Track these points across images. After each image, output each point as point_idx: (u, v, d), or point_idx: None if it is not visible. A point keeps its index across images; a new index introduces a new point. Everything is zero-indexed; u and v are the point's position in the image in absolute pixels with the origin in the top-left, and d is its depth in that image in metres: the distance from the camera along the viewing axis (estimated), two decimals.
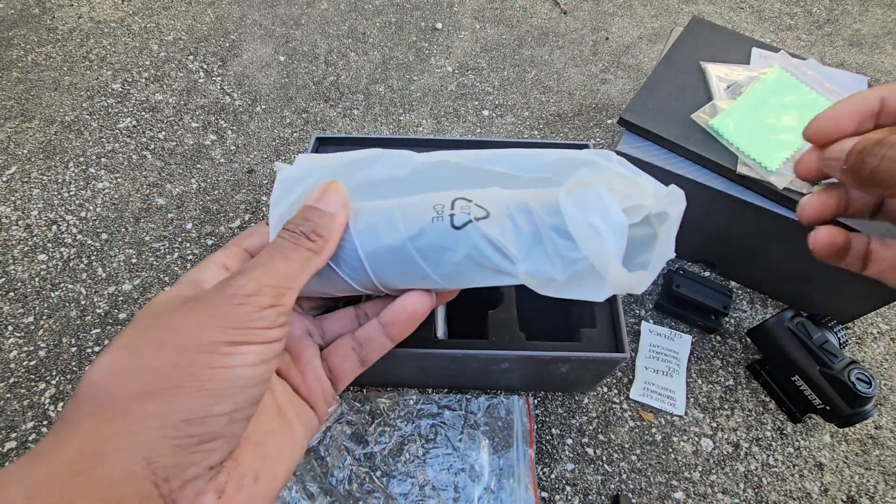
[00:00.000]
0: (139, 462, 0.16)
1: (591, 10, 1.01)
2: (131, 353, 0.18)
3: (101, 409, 0.17)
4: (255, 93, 0.84)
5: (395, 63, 0.90)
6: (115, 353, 0.19)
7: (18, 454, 0.51)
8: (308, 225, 0.22)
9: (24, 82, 0.83)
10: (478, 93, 0.85)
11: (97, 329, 0.58)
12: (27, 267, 0.63)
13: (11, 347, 0.57)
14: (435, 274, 0.25)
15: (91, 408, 0.17)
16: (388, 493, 0.48)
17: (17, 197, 0.69)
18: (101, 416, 0.17)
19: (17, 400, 0.54)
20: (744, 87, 0.56)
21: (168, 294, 0.22)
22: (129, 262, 0.64)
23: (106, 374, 0.18)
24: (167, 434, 0.17)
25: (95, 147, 0.75)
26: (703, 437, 0.53)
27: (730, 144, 0.52)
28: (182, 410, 0.17)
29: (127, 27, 0.93)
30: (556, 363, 0.45)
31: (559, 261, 0.23)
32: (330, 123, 0.80)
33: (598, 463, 0.52)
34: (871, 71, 0.91)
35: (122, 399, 0.17)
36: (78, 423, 0.17)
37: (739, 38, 0.64)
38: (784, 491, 0.51)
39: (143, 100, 0.82)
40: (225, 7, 0.98)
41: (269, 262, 0.21)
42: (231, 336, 0.19)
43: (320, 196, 0.23)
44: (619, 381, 0.57)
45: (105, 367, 0.18)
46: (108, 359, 0.18)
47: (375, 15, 0.98)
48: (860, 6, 1.04)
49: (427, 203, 0.24)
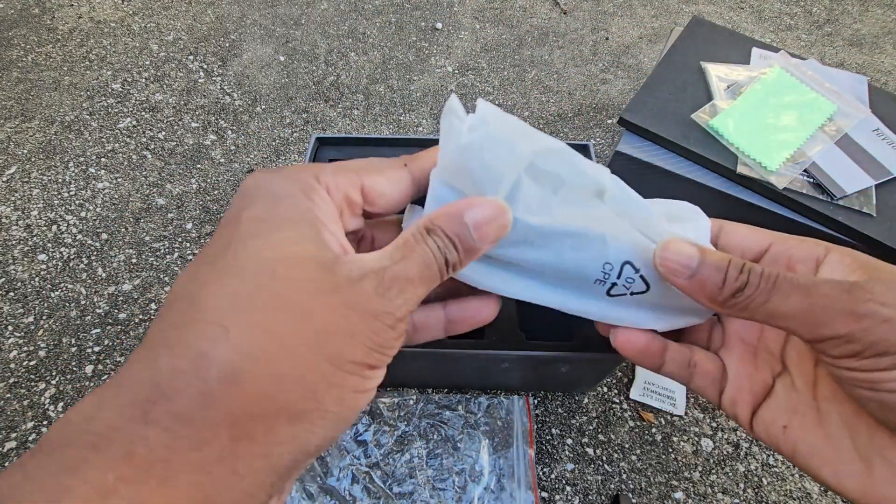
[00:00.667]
0: (266, 488, 0.14)
1: (591, 10, 1.01)
2: (274, 341, 0.14)
3: (237, 423, 0.14)
4: (255, 93, 0.84)
5: (395, 63, 0.90)
6: (254, 333, 0.14)
7: (18, 454, 0.51)
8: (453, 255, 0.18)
9: (24, 82, 0.83)
10: (478, 93, 0.85)
11: (97, 329, 0.58)
12: (27, 267, 0.63)
13: (11, 347, 0.57)
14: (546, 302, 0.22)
15: (224, 415, 0.13)
16: (389, 493, 0.48)
17: (17, 197, 0.69)
18: (239, 430, 0.14)
19: (17, 400, 0.54)
20: (744, 87, 0.56)
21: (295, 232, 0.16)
22: (129, 262, 0.64)
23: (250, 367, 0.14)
24: (299, 460, 0.15)
25: (95, 147, 0.75)
26: (703, 437, 0.53)
27: (730, 144, 0.52)
28: (318, 439, 0.15)
29: (127, 27, 0.93)
30: (556, 363, 0.45)
31: None
32: (330, 123, 0.80)
33: (598, 463, 0.52)
34: (871, 71, 0.91)
35: (269, 416, 0.14)
36: (211, 429, 0.13)
37: (739, 38, 0.64)
38: (784, 491, 0.51)
39: (143, 100, 0.82)
40: (225, 7, 0.98)
41: (419, 276, 0.17)
42: (373, 359, 0.16)
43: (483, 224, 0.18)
44: (619, 381, 0.57)
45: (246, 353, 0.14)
46: (246, 341, 0.14)
47: (375, 15, 0.98)
48: (860, 6, 1.04)
49: (600, 256, 0.20)
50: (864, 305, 0.15)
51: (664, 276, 0.19)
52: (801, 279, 0.16)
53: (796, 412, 0.19)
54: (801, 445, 0.19)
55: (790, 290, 0.16)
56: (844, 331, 0.15)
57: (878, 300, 0.15)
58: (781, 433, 0.19)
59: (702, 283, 0.18)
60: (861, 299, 0.15)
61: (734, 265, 0.17)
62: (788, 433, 0.19)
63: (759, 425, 0.20)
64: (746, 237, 0.21)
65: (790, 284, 0.16)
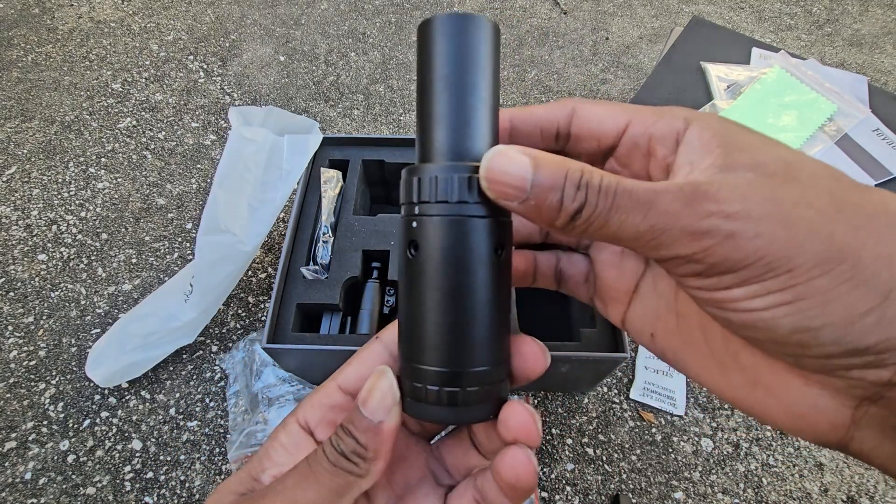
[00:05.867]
0: None
1: (591, 10, 1.01)
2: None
3: None
4: (255, 93, 0.84)
5: (395, 63, 0.90)
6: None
7: (19, 454, 0.51)
8: (348, 443, 0.16)
9: (24, 82, 0.83)
10: None
11: (97, 329, 0.58)
12: (27, 267, 0.63)
13: (11, 347, 0.57)
14: None
15: None
16: None
17: (17, 197, 0.69)
18: None
19: (17, 400, 0.54)
20: (744, 87, 0.56)
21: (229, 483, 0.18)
22: (129, 262, 0.64)
23: None
24: None
25: (95, 147, 0.75)
26: (703, 437, 0.53)
27: None
28: None
29: (127, 27, 0.93)
30: (556, 363, 0.45)
31: None
32: (330, 123, 0.80)
33: (598, 463, 0.52)
34: (871, 71, 0.91)
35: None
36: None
37: (739, 38, 0.64)
38: (784, 491, 0.51)
39: (143, 100, 0.82)
40: (225, 7, 0.98)
41: (294, 489, 0.16)
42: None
43: (366, 396, 0.17)
44: (619, 381, 0.57)
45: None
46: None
47: (375, 15, 0.98)
48: (860, 6, 1.04)
49: None
50: (705, 221, 0.13)
51: (495, 199, 0.15)
52: (640, 192, 0.14)
53: (659, 317, 0.18)
54: (667, 352, 0.18)
55: (630, 208, 0.14)
56: (685, 252, 0.13)
57: (723, 211, 0.13)
58: (650, 341, 0.19)
59: (538, 207, 0.15)
60: (703, 213, 0.13)
61: (571, 179, 0.14)
62: (656, 341, 0.18)
63: (630, 330, 0.19)
64: (602, 118, 0.18)
65: (630, 200, 0.14)
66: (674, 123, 0.16)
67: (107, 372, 0.53)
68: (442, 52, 0.16)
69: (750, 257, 0.13)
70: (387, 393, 0.17)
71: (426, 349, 0.16)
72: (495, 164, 0.15)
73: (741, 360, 0.16)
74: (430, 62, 0.16)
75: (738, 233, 0.13)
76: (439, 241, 0.16)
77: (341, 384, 0.19)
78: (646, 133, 0.17)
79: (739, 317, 0.14)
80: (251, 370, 0.53)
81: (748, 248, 0.13)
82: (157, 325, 0.53)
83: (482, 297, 0.16)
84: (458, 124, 0.16)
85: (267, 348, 0.42)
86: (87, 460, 0.51)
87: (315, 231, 0.49)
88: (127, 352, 0.53)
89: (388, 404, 0.17)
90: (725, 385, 0.16)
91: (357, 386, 0.19)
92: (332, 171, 0.51)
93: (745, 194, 0.13)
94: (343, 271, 0.46)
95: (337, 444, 0.16)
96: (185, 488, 0.50)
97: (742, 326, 0.14)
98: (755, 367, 0.15)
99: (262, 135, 0.49)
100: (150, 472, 0.50)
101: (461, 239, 0.16)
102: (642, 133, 0.17)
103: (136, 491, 0.49)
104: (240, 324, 0.59)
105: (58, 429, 0.52)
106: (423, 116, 0.17)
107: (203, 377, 0.56)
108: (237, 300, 0.61)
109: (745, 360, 0.15)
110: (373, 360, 0.19)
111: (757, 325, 0.13)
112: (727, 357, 0.16)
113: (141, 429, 0.53)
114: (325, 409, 0.19)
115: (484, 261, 0.16)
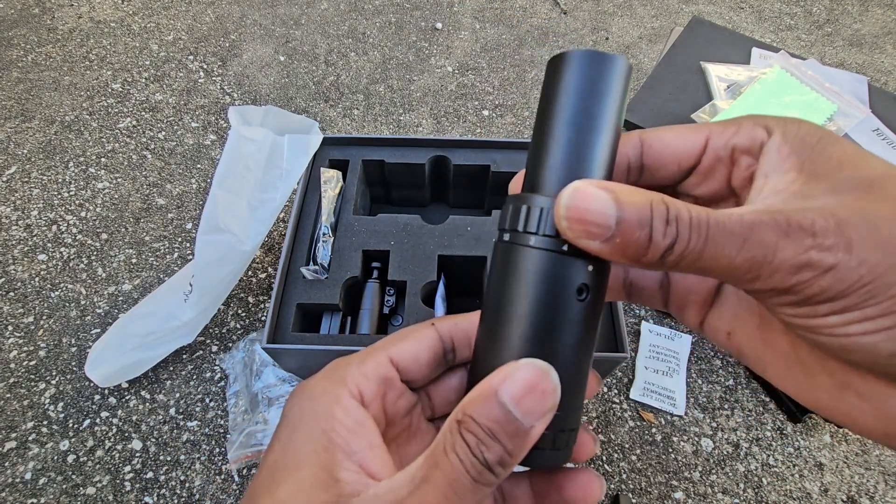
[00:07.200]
0: None
1: (591, 10, 1.01)
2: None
3: None
4: (255, 93, 0.84)
5: (395, 63, 0.90)
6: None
7: (18, 454, 0.51)
8: (495, 451, 0.14)
9: (24, 82, 0.83)
10: (478, 93, 0.85)
11: (97, 329, 0.58)
12: (27, 267, 0.63)
13: (11, 347, 0.57)
14: None
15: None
16: None
17: (17, 197, 0.69)
18: None
19: (17, 400, 0.54)
20: (744, 87, 0.56)
21: (300, 490, 0.16)
22: (129, 262, 0.64)
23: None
24: None
25: (95, 147, 0.75)
26: (703, 437, 0.53)
27: None
28: None
29: (127, 27, 0.93)
30: None
31: None
32: (330, 123, 0.80)
33: (598, 463, 0.52)
34: (871, 71, 0.91)
35: None
36: None
37: (739, 38, 0.64)
38: (784, 491, 0.51)
39: (143, 100, 0.82)
40: (225, 7, 0.98)
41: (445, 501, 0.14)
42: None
43: (521, 393, 0.14)
44: (619, 381, 0.57)
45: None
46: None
47: (375, 15, 0.98)
48: (860, 6, 1.04)
49: None
50: (804, 256, 0.13)
51: (572, 240, 0.14)
52: (733, 224, 0.13)
53: (738, 317, 0.18)
54: (746, 350, 0.18)
55: (724, 242, 0.13)
56: (783, 285, 0.13)
57: (821, 244, 0.12)
58: (726, 339, 0.18)
59: (623, 245, 0.14)
60: (802, 246, 0.13)
61: (657, 213, 0.13)
62: (732, 339, 0.18)
63: (708, 331, 0.19)
64: (678, 141, 0.17)
65: (724, 233, 0.13)
66: (755, 132, 0.16)
67: (106, 372, 0.53)
68: (573, 88, 0.16)
69: (852, 287, 0.12)
70: (549, 394, 0.15)
71: None
72: (575, 202, 0.14)
73: (829, 364, 0.15)
74: (558, 97, 0.16)
75: (839, 264, 0.12)
76: (525, 274, 0.16)
77: (394, 357, 0.18)
78: (727, 145, 0.17)
79: (835, 341, 0.13)
80: (251, 370, 0.53)
81: (850, 278, 0.12)
82: (157, 325, 0.53)
83: (565, 339, 0.16)
84: (576, 163, 0.16)
85: (267, 348, 0.42)
86: (87, 460, 0.51)
87: (315, 231, 0.49)
88: (126, 352, 0.53)
89: (545, 408, 0.15)
90: (809, 388, 0.16)
91: (409, 365, 0.18)
92: (332, 170, 0.51)
93: (839, 222, 0.13)
94: (343, 271, 0.46)
95: (481, 453, 0.14)
96: (185, 488, 0.50)
97: (838, 350, 0.14)
98: (845, 371, 0.15)
99: (262, 134, 0.49)
100: (150, 472, 0.50)
101: (544, 275, 0.15)
102: (723, 146, 0.17)
103: (136, 491, 0.49)
104: (240, 324, 0.59)
105: (58, 429, 0.52)
106: (539, 147, 0.16)
107: (203, 377, 0.56)
108: (237, 300, 0.61)
109: (834, 364, 0.15)
110: (427, 344, 0.19)
111: (853, 349, 0.13)
112: (813, 360, 0.15)
113: (141, 429, 0.53)
114: (379, 382, 0.18)
115: (564, 301, 0.15)
